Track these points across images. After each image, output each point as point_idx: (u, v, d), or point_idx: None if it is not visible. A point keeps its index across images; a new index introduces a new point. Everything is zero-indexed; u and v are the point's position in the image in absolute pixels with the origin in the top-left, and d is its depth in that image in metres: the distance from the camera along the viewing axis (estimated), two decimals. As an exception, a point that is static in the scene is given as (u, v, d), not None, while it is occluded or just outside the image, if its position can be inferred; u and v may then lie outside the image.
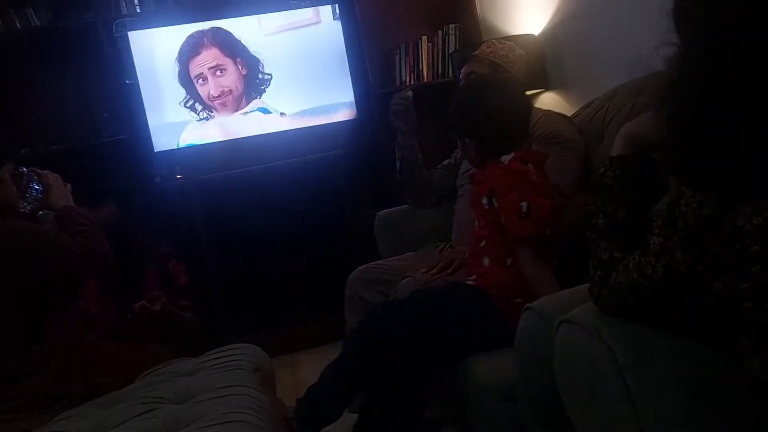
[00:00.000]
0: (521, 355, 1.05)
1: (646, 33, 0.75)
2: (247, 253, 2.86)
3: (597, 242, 0.86)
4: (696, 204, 0.68)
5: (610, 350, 0.79)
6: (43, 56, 2.92)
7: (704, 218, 0.68)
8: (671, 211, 0.72)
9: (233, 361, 1.53)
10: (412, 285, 1.70)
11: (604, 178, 0.88)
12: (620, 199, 0.86)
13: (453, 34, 3.13)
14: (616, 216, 0.85)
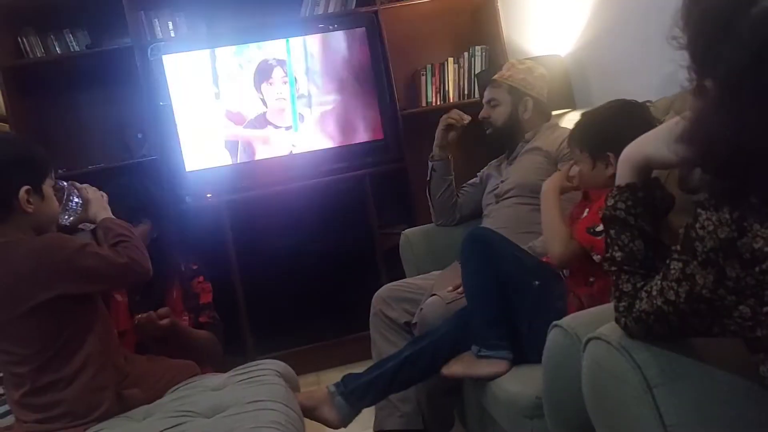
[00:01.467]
0: (548, 372, 1.05)
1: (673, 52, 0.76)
2: (273, 272, 2.89)
3: (618, 274, 0.85)
4: (712, 227, 0.68)
5: (639, 367, 0.79)
6: (81, 80, 3.03)
7: (722, 241, 0.67)
8: (688, 235, 0.72)
9: (261, 376, 1.54)
10: (437, 303, 1.71)
11: (615, 210, 0.87)
12: (634, 230, 0.85)
13: (479, 55, 3.16)
14: (633, 248, 0.85)
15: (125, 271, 1.39)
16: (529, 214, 1.92)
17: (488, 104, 2.06)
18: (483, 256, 1.52)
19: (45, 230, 1.40)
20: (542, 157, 1.93)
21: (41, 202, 1.37)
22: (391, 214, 3.10)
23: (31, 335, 1.33)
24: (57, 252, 1.33)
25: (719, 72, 0.68)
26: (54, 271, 1.32)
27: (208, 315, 1.89)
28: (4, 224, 1.34)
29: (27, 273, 1.31)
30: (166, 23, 2.95)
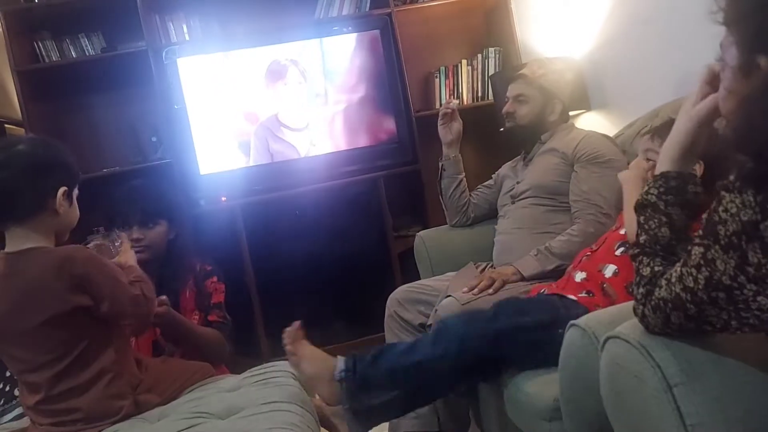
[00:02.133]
0: (566, 373, 1.04)
1: (688, 53, 0.75)
2: (288, 274, 2.89)
3: (639, 258, 0.84)
4: (735, 209, 0.67)
5: (658, 366, 0.77)
6: (96, 83, 3.06)
7: (744, 224, 0.66)
8: (711, 219, 0.71)
9: (276, 377, 1.54)
10: (453, 305, 1.70)
11: (647, 195, 0.87)
12: (663, 216, 0.85)
13: (492, 57, 3.15)
14: (658, 233, 0.84)
15: (136, 302, 1.41)
16: (546, 215, 1.90)
17: (515, 99, 2.03)
18: (463, 346, 1.38)
19: (63, 235, 1.41)
20: (559, 158, 1.92)
21: (69, 207, 1.38)
22: (405, 216, 3.10)
23: (48, 343, 1.33)
24: (78, 265, 1.33)
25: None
26: (72, 284, 1.32)
27: (218, 314, 1.90)
28: (32, 222, 1.33)
29: (48, 282, 1.31)
30: (181, 26, 2.98)
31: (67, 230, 1.42)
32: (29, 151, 1.34)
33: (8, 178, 1.30)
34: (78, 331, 1.35)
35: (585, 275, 1.48)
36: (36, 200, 1.32)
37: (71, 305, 1.32)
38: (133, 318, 1.45)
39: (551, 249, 1.77)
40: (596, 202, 1.79)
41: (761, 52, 0.69)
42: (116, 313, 1.38)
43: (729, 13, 0.73)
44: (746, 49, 0.71)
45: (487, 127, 2.78)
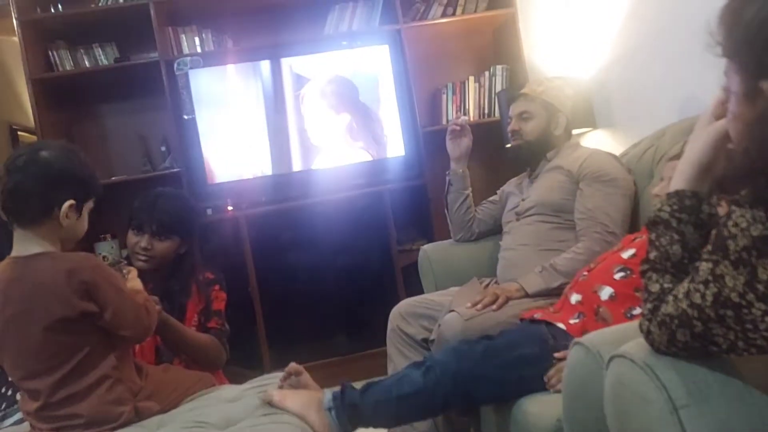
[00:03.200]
0: (569, 392, 1.03)
1: (695, 74, 0.76)
2: (291, 286, 2.90)
3: (649, 275, 0.84)
4: (745, 224, 0.66)
5: (664, 387, 0.76)
6: (108, 92, 3.09)
7: (755, 239, 0.66)
8: (720, 233, 0.70)
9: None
10: (456, 320, 1.69)
11: (660, 212, 0.86)
12: (675, 233, 0.84)
13: (500, 74, 3.17)
14: (670, 250, 0.83)
15: (138, 314, 1.42)
16: (551, 232, 1.90)
17: (519, 117, 2.04)
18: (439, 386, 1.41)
19: (68, 244, 1.41)
20: (564, 176, 1.92)
21: (76, 220, 1.39)
22: (410, 230, 3.10)
23: (50, 349, 1.33)
24: (87, 272, 1.34)
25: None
26: (80, 290, 1.32)
27: (216, 321, 1.90)
28: (38, 227, 1.35)
29: (56, 287, 1.32)
30: (193, 39, 3.01)
31: (72, 241, 1.42)
32: (48, 161, 1.36)
33: (21, 181, 1.32)
34: (80, 337, 1.35)
35: (580, 297, 1.48)
36: (43, 208, 1.34)
37: (78, 311, 1.32)
38: (134, 330, 1.43)
39: (556, 266, 1.77)
40: (602, 220, 1.79)
41: (763, 77, 0.70)
42: (118, 322, 1.38)
43: (728, 44, 0.74)
44: (748, 77, 0.72)
45: (493, 144, 2.79)
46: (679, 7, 1.97)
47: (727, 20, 0.73)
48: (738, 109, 0.76)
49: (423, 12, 3.14)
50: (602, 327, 1.33)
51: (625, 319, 1.35)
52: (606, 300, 1.41)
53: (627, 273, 1.40)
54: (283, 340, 2.87)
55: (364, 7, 3.12)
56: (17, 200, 1.33)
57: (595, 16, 2.46)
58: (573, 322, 1.46)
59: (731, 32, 0.73)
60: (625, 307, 1.38)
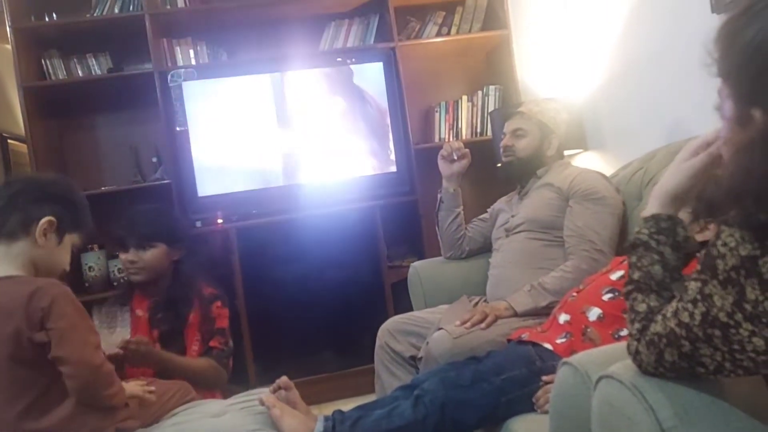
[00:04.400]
0: (557, 412, 1.02)
1: (686, 98, 0.77)
2: (279, 301, 2.88)
3: (634, 295, 0.84)
4: (734, 243, 0.67)
5: (651, 409, 0.76)
6: (100, 103, 3.08)
7: (743, 259, 0.66)
8: (709, 253, 0.70)
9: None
10: (444, 338, 1.69)
11: (639, 234, 0.88)
12: (655, 254, 0.86)
13: (493, 94, 3.20)
14: (651, 270, 0.85)
15: (85, 350, 1.30)
16: (540, 250, 1.91)
17: (513, 133, 2.06)
18: None
19: (43, 274, 1.37)
20: (554, 193, 1.93)
21: (55, 246, 1.38)
22: (400, 247, 3.09)
23: (6, 379, 1.28)
24: (47, 297, 1.28)
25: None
26: (35, 317, 1.27)
27: (219, 341, 1.89)
28: (14, 244, 1.33)
29: (13, 314, 1.26)
30: (188, 51, 3.01)
31: (51, 270, 1.39)
32: (36, 178, 1.42)
33: (15, 195, 1.35)
34: (38, 370, 1.28)
35: (568, 318, 1.49)
36: (21, 220, 1.33)
37: (26, 338, 1.26)
38: (77, 380, 1.28)
39: (544, 285, 1.77)
40: (590, 238, 1.80)
41: (755, 104, 0.70)
42: (61, 353, 1.27)
43: (722, 65, 0.74)
44: (741, 102, 0.72)
45: (485, 163, 2.80)
46: (670, 31, 2.00)
47: (722, 42, 0.74)
48: (729, 134, 0.77)
49: (418, 31, 3.17)
50: (589, 347, 1.34)
51: (612, 340, 1.35)
52: (594, 321, 1.42)
53: (615, 294, 1.40)
54: (270, 356, 2.84)
55: (360, 25, 3.14)
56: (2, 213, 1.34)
57: (588, 39, 2.49)
58: (560, 342, 1.46)
59: (726, 55, 0.73)
60: (612, 329, 1.38)
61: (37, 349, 1.27)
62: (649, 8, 2.11)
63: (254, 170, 2.91)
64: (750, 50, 0.69)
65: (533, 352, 1.48)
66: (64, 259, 1.42)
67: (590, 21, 2.46)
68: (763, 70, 0.68)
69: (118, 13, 2.93)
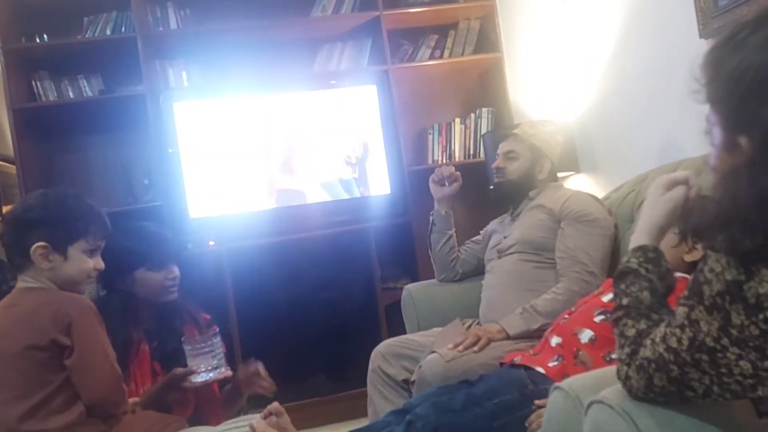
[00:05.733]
0: (549, 438, 1.01)
1: (676, 120, 0.78)
2: (272, 323, 2.85)
3: (623, 321, 0.84)
4: (720, 268, 0.67)
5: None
6: (91, 124, 3.07)
7: (728, 284, 0.66)
8: (696, 279, 0.71)
9: (251, 430, 1.49)
10: (437, 361, 1.67)
11: (629, 263, 0.89)
12: (645, 281, 0.86)
13: (485, 117, 3.21)
14: (640, 296, 0.85)
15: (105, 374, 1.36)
16: (532, 272, 1.90)
17: (505, 155, 2.07)
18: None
19: (68, 286, 1.43)
20: (546, 214, 1.93)
21: (63, 262, 1.41)
22: (394, 269, 3.08)
23: (13, 379, 1.31)
24: (74, 309, 1.34)
25: (755, 131, 0.68)
26: (57, 321, 1.32)
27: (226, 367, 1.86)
28: (29, 272, 1.40)
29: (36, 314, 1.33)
30: (180, 73, 3.02)
31: (68, 282, 1.42)
32: (20, 209, 1.45)
33: (3, 234, 1.44)
34: (47, 371, 1.32)
35: (560, 340, 1.48)
36: (21, 254, 1.39)
37: (48, 338, 1.31)
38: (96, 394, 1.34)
39: (536, 307, 1.76)
40: (581, 259, 1.79)
41: (741, 132, 0.71)
42: (81, 369, 1.33)
43: (709, 91, 0.75)
44: (727, 129, 0.73)
45: (478, 185, 2.81)
46: (660, 55, 2.02)
47: (708, 70, 0.75)
48: (715, 161, 0.78)
49: (411, 54, 3.19)
50: (581, 370, 1.32)
51: (604, 363, 1.34)
52: (586, 343, 1.41)
53: (607, 316, 1.40)
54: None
55: (353, 48, 3.17)
56: (6, 250, 1.43)
57: (579, 62, 2.51)
58: (552, 365, 1.44)
59: (711, 82, 0.74)
60: (604, 351, 1.37)
61: (55, 350, 1.32)
62: (638, 32, 2.13)
63: (246, 192, 2.90)
64: (733, 79, 0.70)
65: (525, 375, 1.47)
66: (77, 268, 1.43)
67: (581, 44, 2.48)
68: (747, 98, 0.69)
69: (110, 35, 2.94)
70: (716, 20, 1.74)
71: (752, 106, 0.68)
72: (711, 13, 1.76)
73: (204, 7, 3.11)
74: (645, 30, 2.09)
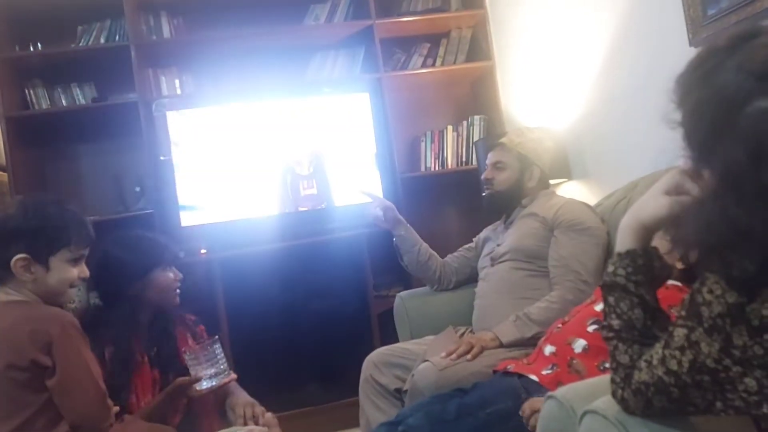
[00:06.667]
0: (542, 448, 1.01)
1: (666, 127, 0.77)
2: (263, 332, 2.83)
3: (615, 344, 0.82)
4: (720, 291, 0.66)
5: (636, 444, 0.75)
6: (84, 132, 3.06)
7: (730, 306, 0.65)
8: (694, 300, 0.70)
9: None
10: (430, 370, 1.66)
11: (615, 276, 0.84)
12: (635, 297, 0.82)
13: (477, 124, 3.22)
14: (632, 316, 0.82)
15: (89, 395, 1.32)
16: (525, 280, 1.90)
17: (494, 166, 2.07)
18: None
19: (50, 301, 1.39)
20: (538, 222, 1.93)
21: (45, 273, 1.38)
22: (387, 276, 3.07)
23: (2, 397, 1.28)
24: (55, 327, 1.29)
25: (716, 167, 0.68)
26: (37, 340, 1.28)
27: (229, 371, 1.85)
28: (11, 284, 1.37)
29: (10, 333, 1.29)
30: (173, 81, 3.02)
31: (51, 294, 1.40)
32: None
33: None
34: (28, 392, 1.28)
35: (554, 349, 1.47)
36: (2, 266, 1.35)
37: (28, 359, 1.26)
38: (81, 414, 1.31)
39: (530, 315, 1.76)
40: (575, 268, 1.79)
41: (704, 165, 0.71)
42: (65, 390, 1.29)
43: (681, 118, 0.74)
44: (693, 159, 0.73)
45: (470, 192, 2.81)
46: (651, 62, 2.03)
47: (677, 95, 0.74)
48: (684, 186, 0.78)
49: (403, 62, 3.20)
50: (575, 379, 1.32)
51: (598, 372, 1.34)
52: (579, 352, 1.41)
53: (600, 326, 1.39)
54: (253, 389, 2.75)
55: (346, 56, 3.17)
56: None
57: (571, 70, 2.52)
58: (546, 373, 1.44)
59: (680, 108, 0.74)
60: (597, 360, 1.37)
61: (35, 370, 1.27)
62: (629, 41, 2.15)
63: (238, 200, 2.89)
64: (696, 114, 0.70)
65: (519, 384, 1.46)
66: (59, 278, 1.40)
67: (572, 53, 2.49)
68: (708, 134, 0.69)
69: (103, 43, 2.93)
70: (705, 29, 1.76)
71: (710, 142, 0.68)
72: (700, 22, 1.78)
73: (197, 16, 3.11)
74: (635, 38, 2.11)
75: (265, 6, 3.13)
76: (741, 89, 0.65)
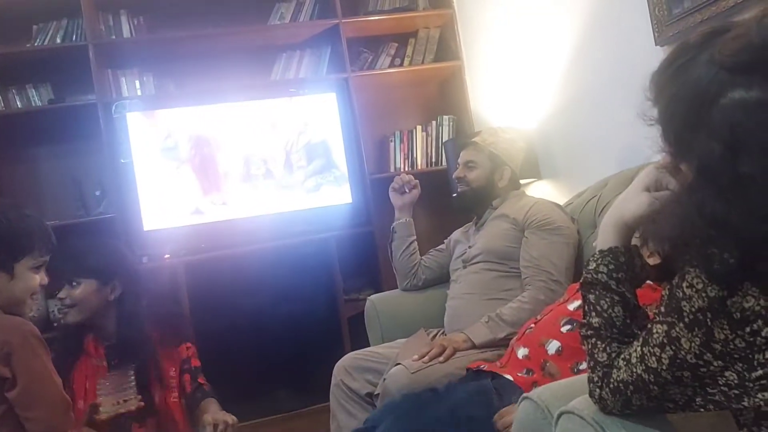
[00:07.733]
0: (518, 450, 0.98)
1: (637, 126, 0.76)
2: (231, 338, 2.76)
3: (593, 342, 0.81)
4: (701, 285, 0.65)
5: (613, 445, 0.73)
6: (41, 134, 2.96)
7: (711, 300, 0.64)
8: (674, 295, 0.69)
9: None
10: (402, 373, 1.63)
11: (597, 274, 0.83)
12: (615, 295, 0.81)
13: (446, 124, 3.22)
14: (612, 314, 0.81)
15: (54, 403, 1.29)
16: (497, 281, 1.89)
17: (465, 165, 2.06)
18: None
19: (11, 308, 1.34)
20: (509, 224, 1.93)
21: (9, 281, 1.34)
22: (357, 279, 3.03)
23: None
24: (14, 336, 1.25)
25: (693, 160, 0.68)
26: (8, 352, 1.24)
27: (202, 378, 1.80)
28: None
29: None
30: (134, 82, 2.94)
31: (14, 302, 1.35)
32: None
33: None
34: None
35: (527, 352, 1.46)
36: None
37: None
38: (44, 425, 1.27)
39: (502, 316, 1.75)
40: (546, 268, 1.79)
41: (681, 159, 0.71)
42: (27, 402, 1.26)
43: (657, 115, 0.74)
44: (671, 154, 0.73)
45: (440, 192, 2.79)
46: (616, 62, 2.04)
47: (653, 92, 0.74)
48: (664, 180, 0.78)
49: (371, 62, 3.18)
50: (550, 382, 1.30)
51: (571, 374, 1.33)
52: (553, 354, 1.39)
53: (574, 325, 1.38)
54: (221, 396, 2.70)
55: (312, 56, 3.13)
56: None
57: (538, 69, 2.53)
58: (521, 375, 1.42)
59: (656, 104, 0.74)
60: (571, 362, 1.36)
61: None
62: (595, 40, 2.16)
63: (202, 203, 2.83)
64: (670, 110, 0.70)
65: (491, 388, 1.44)
66: (23, 286, 1.37)
67: (540, 52, 2.50)
68: (684, 128, 0.69)
69: (60, 43, 2.84)
70: (671, 27, 1.77)
71: (686, 137, 0.68)
72: (665, 21, 1.79)
73: (158, 15, 3.03)
74: (602, 38, 2.12)
75: (229, 5, 3.08)
76: (713, 82, 0.66)
